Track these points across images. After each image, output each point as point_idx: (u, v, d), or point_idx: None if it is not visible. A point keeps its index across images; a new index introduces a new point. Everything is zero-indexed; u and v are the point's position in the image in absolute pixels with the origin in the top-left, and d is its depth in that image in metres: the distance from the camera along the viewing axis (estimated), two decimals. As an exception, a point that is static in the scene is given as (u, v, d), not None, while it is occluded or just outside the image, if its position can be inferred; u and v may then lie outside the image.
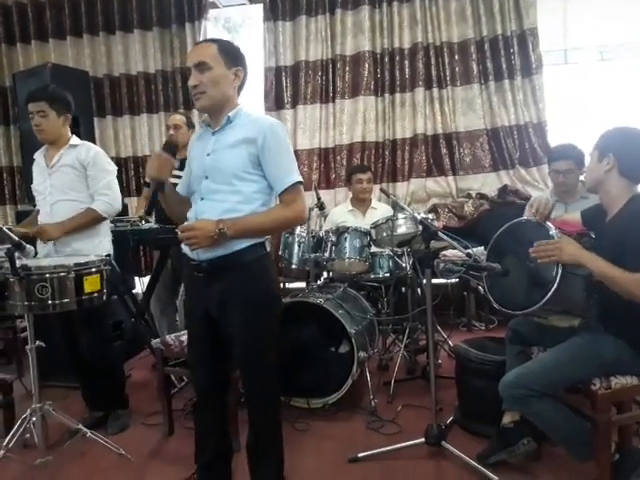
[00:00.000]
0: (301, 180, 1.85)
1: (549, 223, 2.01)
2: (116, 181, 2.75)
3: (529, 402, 1.95)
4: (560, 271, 1.84)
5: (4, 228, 2.16)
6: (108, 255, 2.66)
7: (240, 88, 1.89)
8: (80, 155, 2.64)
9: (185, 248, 1.88)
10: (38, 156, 2.76)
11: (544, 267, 1.89)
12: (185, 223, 1.84)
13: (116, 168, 2.80)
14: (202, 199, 1.85)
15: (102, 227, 2.74)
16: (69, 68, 4.43)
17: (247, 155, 1.79)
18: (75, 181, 2.64)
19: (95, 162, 2.65)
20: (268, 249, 1.90)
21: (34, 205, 3.87)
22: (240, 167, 1.79)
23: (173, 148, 1.92)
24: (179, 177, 2.04)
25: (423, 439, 2.35)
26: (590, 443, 1.96)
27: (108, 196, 2.65)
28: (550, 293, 1.84)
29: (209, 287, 1.84)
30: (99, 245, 2.70)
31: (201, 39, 4.71)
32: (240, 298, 1.81)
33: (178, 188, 2.04)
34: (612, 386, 1.92)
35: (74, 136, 2.74)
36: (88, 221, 2.63)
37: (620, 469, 1.99)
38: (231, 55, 1.83)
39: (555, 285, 1.84)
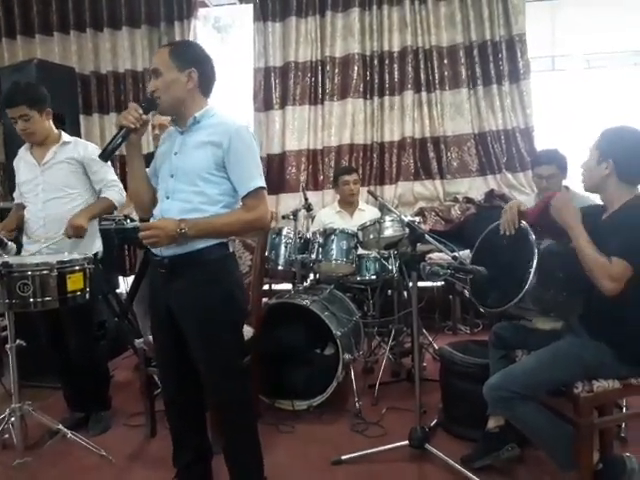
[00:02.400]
0: (264, 186, 1.86)
1: (524, 223, 2.05)
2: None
3: (512, 404, 1.95)
4: (535, 262, 1.88)
5: (-15, 225, 2.13)
6: (96, 253, 2.68)
7: (204, 88, 1.88)
8: (75, 152, 2.65)
9: None
10: (24, 152, 2.73)
11: (523, 266, 1.92)
12: (146, 223, 1.85)
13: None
14: (167, 197, 1.87)
15: (94, 225, 2.74)
16: (55, 64, 4.37)
17: (212, 157, 1.80)
18: (70, 177, 2.64)
19: (94, 158, 2.62)
20: (231, 249, 1.92)
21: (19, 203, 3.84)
22: (204, 168, 1.80)
23: (152, 105, 1.86)
24: None
25: (407, 442, 2.35)
26: (572, 450, 1.96)
27: (119, 187, 2.71)
28: (529, 279, 1.90)
29: (170, 283, 1.86)
30: (94, 242, 2.72)
31: (190, 38, 4.70)
32: (198, 299, 1.82)
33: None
34: (594, 389, 1.93)
35: (62, 132, 2.73)
36: (104, 209, 2.70)
37: (604, 478, 2.00)
38: (183, 57, 1.82)
39: (533, 267, 1.90)
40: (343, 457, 2.37)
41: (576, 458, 1.95)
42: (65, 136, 2.71)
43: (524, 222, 2.09)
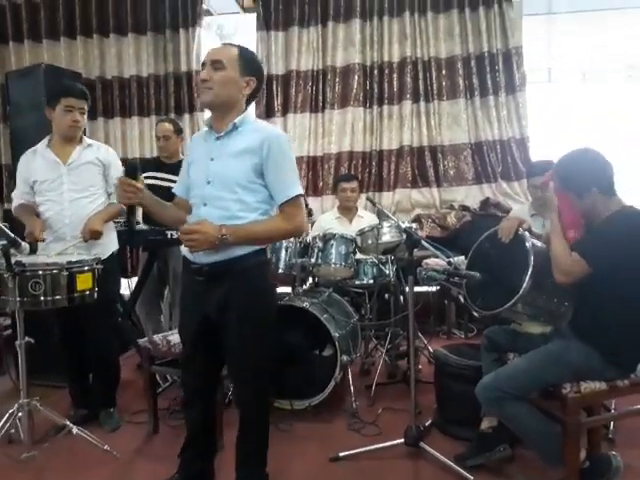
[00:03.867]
0: (302, 193, 1.87)
1: (521, 231, 2.15)
2: None
3: (503, 404, 2.04)
4: (531, 268, 1.98)
5: (1, 224, 2.21)
6: (114, 252, 2.83)
7: (251, 98, 1.92)
8: (100, 154, 2.76)
9: (184, 251, 1.91)
10: (42, 149, 2.73)
11: (519, 270, 2.02)
12: (187, 225, 1.84)
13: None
14: (205, 205, 1.86)
15: (111, 224, 2.87)
16: (62, 69, 4.44)
17: (250, 164, 1.81)
18: (96, 178, 2.74)
19: (114, 163, 2.80)
20: (268, 256, 1.97)
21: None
22: (244, 176, 1.81)
23: (134, 169, 1.92)
24: (170, 180, 2.08)
25: (402, 440, 2.43)
26: (561, 448, 2.05)
27: None
28: (524, 284, 1.98)
29: (209, 291, 1.87)
30: (112, 241, 2.84)
31: (194, 45, 4.81)
32: (240, 305, 1.84)
33: (176, 189, 2.07)
34: (582, 390, 2.02)
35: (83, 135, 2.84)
36: (115, 214, 2.78)
37: (590, 475, 2.08)
38: (249, 63, 1.86)
39: (529, 272, 1.99)
40: (341, 454, 2.45)
41: (564, 456, 2.04)
42: (86, 138, 2.82)
43: (521, 229, 2.18)
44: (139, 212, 3.61)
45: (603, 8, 4.68)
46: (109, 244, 2.80)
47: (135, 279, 3.90)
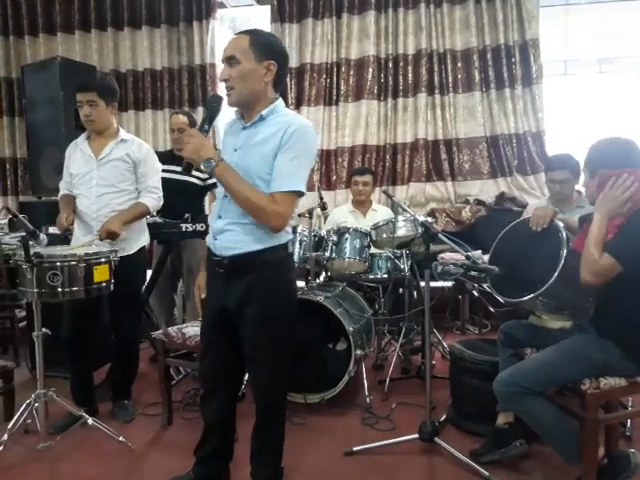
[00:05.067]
0: (303, 192, 1.77)
1: (555, 221, 2.11)
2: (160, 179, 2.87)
3: (522, 399, 2.02)
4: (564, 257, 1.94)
5: (20, 216, 2.22)
6: (144, 247, 2.83)
7: (277, 82, 1.80)
8: (131, 150, 2.72)
9: (210, 242, 1.90)
10: (82, 142, 2.77)
11: (548, 262, 1.99)
12: (194, 131, 1.77)
13: (161, 166, 2.91)
14: (226, 196, 1.82)
15: (143, 220, 2.86)
16: (78, 62, 4.47)
17: (271, 152, 1.74)
18: (125, 174, 2.72)
19: (146, 160, 2.75)
20: (290, 250, 1.90)
21: (39, 197, 3.94)
22: (264, 167, 1.75)
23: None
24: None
25: (417, 435, 2.42)
26: (578, 445, 2.02)
27: (157, 194, 2.78)
28: (557, 272, 1.95)
29: (228, 284, 1.85)
30: (140, 237, 2.82)
31: (208, 38, 4.80)
32: (258, 301, 1.82)
33: None
34: (601, 386, 1.99)
35: (121, 129, 2.81)
36: (139, 214, 2.74)
37: (608, 472, 2.06)
38: (264, 48, 1.74)
39: (562, 262, 1.95)
40: (355, 448, 2.45)
41: (581, 452, 2.01)
42: (123, 133, 2.78)
43: (556, 219, 2.14)
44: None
45: (620, -1, 4.61)
46: (138, 239, 2.78)
47: (149, 272, 3.93)
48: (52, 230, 2.57)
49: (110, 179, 2.69)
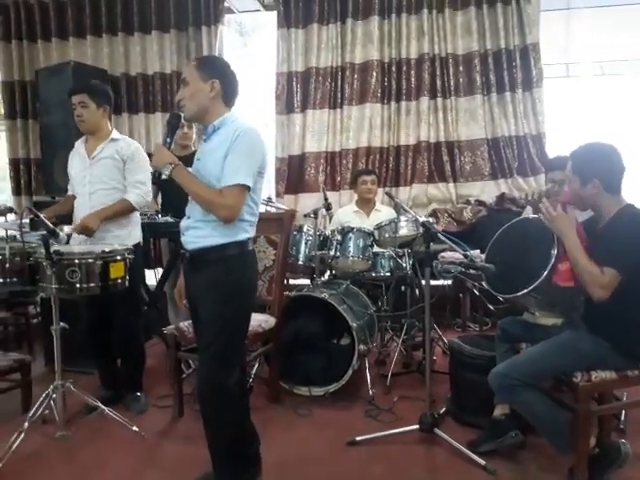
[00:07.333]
0: (248, 185, 1.90)
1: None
2: (150, 177, 2.87)
3: (516, 391, 2.12)
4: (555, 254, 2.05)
5: (42, 216, 2.34)
6: (138, 244, 2.89)
7: (226, 97, 2.00)
8: (120, 149, 2.84)
9: (183, 238, 2.06)
10: (79, 145, 2.94)
11: (542, 257, 2.11)
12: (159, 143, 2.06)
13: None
14: (192, 200, 2.02)
15: (134, 217, 2.94)
16: (90, 66, 4.61)
17: (223, 155, 1.91)
18: (114, 172, 2.83)
19: (134, 157, 2.85)
20: (251, 248, 2.03)
21: (53, 197, 4.07)
22: (218, 169, 1.92)
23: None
24: None
25: (417, 426, 2.53)
26: (570, 435, 2.12)
27: (141, 189, 2.85)
28: (548, 268, 2.07)
29: (190, 277, 2.07)
30: (131, 233, 2.90)
31: (216, 43, 4.92)
32: (210, 291, 1.96)
33: None
34: (592, 379, 2.09)
35: (114, 130, 2.94)
36: (121, 210, 2.82)
37: (599, 461, 2.16)
38: (207, 69, 1.97)
39: (553, 258, 2.07)
40: (357, 438, 2.55)
41: (574, 442, 2.11)
42: (115, 133, 2.91)
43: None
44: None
45: (621, 3, 4.68)
46: (129, 236, 2.87)
47: (158, 270, 4.05)
48: (67, 230, 2.67)
49: (100, 176, 2.81)
